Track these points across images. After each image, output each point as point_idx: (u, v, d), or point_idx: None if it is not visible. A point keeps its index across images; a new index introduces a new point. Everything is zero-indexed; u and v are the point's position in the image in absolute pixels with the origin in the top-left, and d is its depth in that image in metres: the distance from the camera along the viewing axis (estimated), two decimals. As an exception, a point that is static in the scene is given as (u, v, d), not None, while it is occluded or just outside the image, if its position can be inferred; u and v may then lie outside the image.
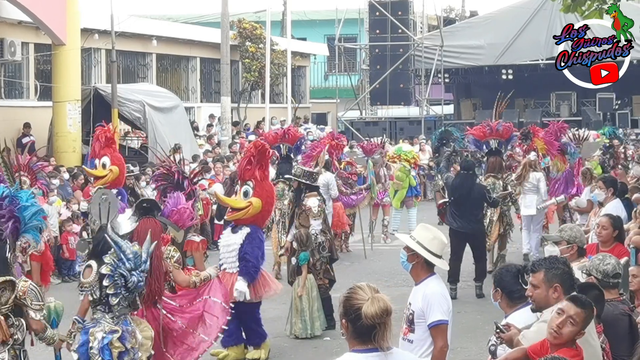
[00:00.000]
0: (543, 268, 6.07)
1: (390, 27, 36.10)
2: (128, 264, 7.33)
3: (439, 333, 6.55)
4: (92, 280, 7.49)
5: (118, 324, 7.45)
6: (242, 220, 10.54)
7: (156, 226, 8.63)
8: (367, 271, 15.86)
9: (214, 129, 30.43)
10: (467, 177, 14.45)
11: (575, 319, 5.47)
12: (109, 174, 14.49)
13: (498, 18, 37.20)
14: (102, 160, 14.63)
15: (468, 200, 14.17)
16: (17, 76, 26.25)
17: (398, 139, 30.70)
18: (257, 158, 10.62)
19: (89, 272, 7.57)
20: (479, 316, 11.48)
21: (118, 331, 7.42)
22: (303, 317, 11.79)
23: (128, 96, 25.33)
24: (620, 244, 9.20)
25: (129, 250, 7.39)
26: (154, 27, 31.80)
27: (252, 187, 10.55)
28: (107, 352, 7.37)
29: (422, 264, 6.62)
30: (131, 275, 7.33)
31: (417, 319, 6.59)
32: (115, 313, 7.46)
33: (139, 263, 7.42)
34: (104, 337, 7.39)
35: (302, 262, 11.85)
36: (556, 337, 5.49)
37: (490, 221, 15.45)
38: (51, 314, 7.51)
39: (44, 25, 23.64)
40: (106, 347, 7.37)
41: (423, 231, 6.71)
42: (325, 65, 44.37)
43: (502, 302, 6.42)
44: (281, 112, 35.11)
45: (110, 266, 7.33)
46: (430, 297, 6.57)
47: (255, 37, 34.49)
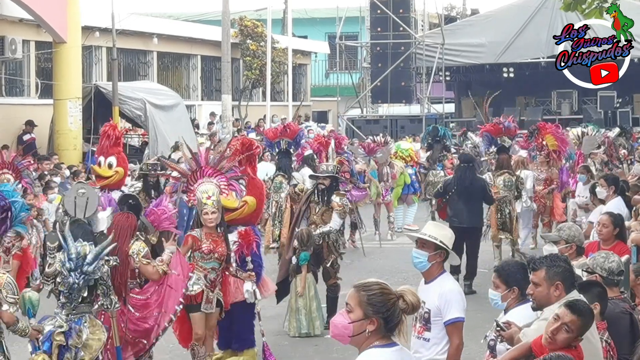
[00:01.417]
0: (544, 266, 6.06)
1: (392, 25, 36.08)
2: (68, 264, 7.37)
3: (456, 330, 6.58)
4: (52, 273, 7.59)
5: (68, 322, 7.48)
6: (236, 220, 10.22)
7: (127, 222, 8.65)
8: (368, 269, 15.84)
9: (215, 127, 30.44)
10: (467, 170, 14.47)
11: (571, 327, 5.42)
12: (114, 175, 13.94)
13: (499, 16, 37.18)
14: (108, 160, 13.97)
15: (468, 193, 14.19)
16: (18, 74, 26.25)
17: (399, 137, 30.70)
18: (246, 156, 10.35)
19: (51, 264, 7.69)
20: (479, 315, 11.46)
21: (63, 327, 7.45)
22: (298, 317, 11.73)
23: (129, 94, 25.32)
24: (622, 242, 9.19)
25: (73, 250, 7.44)
26: (155, 24, 31.80)
27: (244, 185, 10.34)
28: (48, 343, 7.42)
29: (440, 262, 6.69)
30: (69, 275, 7.37)
31: (433, 317, 6.59)
32: (70, 309, 7.48)
33: (80, 264, 7.42)
34: (50, 330, 7.44)
35: (302, 262, 11.75)
36: (550, 343, 5.46)
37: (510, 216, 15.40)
38: (26, 303, 7.52)
39: (45, 23, 23.64)
40: (48, 338, 7.42)
41: (440, 229, 6.80)
42: (326, 63, 44.34)
43: (512, 299, 6.38)
44: (282, 110, 35.10)
45: (59, 263, 7.41)
46: (448, 295, 6.60)
47: (256, 35, 34.49)
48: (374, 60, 37.60)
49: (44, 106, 24.98)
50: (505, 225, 15.40)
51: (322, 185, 12.27)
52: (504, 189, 15.36)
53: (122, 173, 14.16)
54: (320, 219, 12.20)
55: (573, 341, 5.46)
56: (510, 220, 15.41)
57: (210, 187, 9.32)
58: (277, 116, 33.96)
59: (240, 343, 10.36)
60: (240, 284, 10.13)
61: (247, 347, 10.38)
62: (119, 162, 14.12)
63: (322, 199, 12.31)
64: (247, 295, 10.04)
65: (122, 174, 14.16)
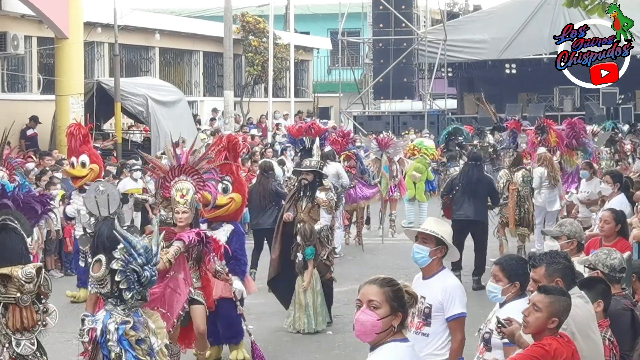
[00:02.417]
0: (544, 263, 6.06)
1: (394, 21, 36.03)
2: (140, 259, 7.27)
3: (459, 326, 6.63)
4: (102, 275, 7.46)
5: (130, 316, 7.43)
6: (222, 217, 10.20)
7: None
8: (370, 265, 15.84)
9: (217, 123, 30.44)
10: (474, 167, 14.81)
11: (538, 305, 5.47)
12: (90, 173, 13.80)
13: (501, 12, 37.14)
14: (80, 158, 13.85)
15: (474, 190, 14.39)
16: (20, 70, 26.27)
17: (401, 133, 30.70)
18: (232, 153, 10.32)
19: (98, 266, 7.54)
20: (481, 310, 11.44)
21: (130, 322, 7.40)
22: (307, 312, 11.71)
23: (131, 90, 25.34)
24: (623, 238, 9.18)
25: (139, 245, 7.31)
26: (157, 20, 31.81)
27: (230, 182, 10.22)
28: (125, 341, 7.33)
29: (440, 258, 6.73)
30: (144, 270, 7.28)
31: (434, 312, 6.62)
32: (127, 305, 7.45)
33: (150, 257, 7.38)
34: (117, 328, 7.37)
35: (309, 256, 11.71)
36: (525, 327, 5.54)
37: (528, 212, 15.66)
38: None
39: (47, 18, 23.64)
40: (122, 337, 7.34)
41: (441, 225, 6.83)
42: (329, 60, 44.33)
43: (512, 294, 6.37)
44: (284, 106, 35.09)
45: (121, 262, 7.27)
46: (451, 290, 6.64)
47: (258, 31, 34.48)
48: (376, 57, 37.56)
49: (46, 102, 25.00)
50: (523, 221, 15.67)
51: (305, 180, 12.20)
52: (523, 185, 15.67)
53: (97, 170, 13.99)
54: (308, 215, 12.08)
55: (547, 322, 5.44)
56: (528, 215, 15.68)
57: (186, 186, 9.11)
58: (279, 112, 33.97)
59: (237, 337, 10.38)
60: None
61: (241, 339, 10.42)
62: (91, 159, 14.00)
63: (305, 194, 12.21)
64: (237, 294, 10.00)
65: (97, 170, 13.98)
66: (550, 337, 5.43)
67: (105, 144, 24.44)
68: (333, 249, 12.43)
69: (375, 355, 4.59)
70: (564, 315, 5.50)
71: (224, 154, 10.23)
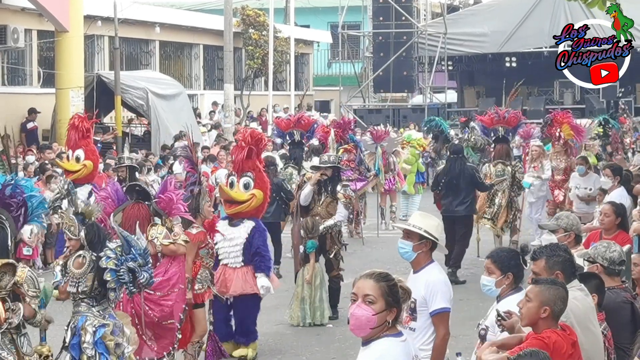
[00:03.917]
0: (544, 256, 6.07)
1: (394, 15, 35.97)
2: (140, 260, 7.22)
3: (442, 321, 6.55)
4: (84, 272, 7.38)
5: (106, 318, 7.36)
6: (243, 213, 10.18)
7: (139, 213, 8.54)
8: (370, 258, 15.85)
9: (217, 116, 30.42)
10: (456, 161, 14.87)
11: (529, 295, 5.52)
12: (82, 169, 13.66)
13: (502, 5, 37.09)
14: (75, 153, 13.71)
15: (458, 183, 14.53)
16: (20, 63, 26.25)
17: (401, 127, 30.69)
18: (256, 148, 10.21)
19: (80, 262, 7.45)
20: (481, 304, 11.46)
21: (109, 325, 7.33)
22: (303, 306, 11.73)
23: (131, 83, 25.33)
24: (624, 231, 9.20)
25: (139, 247, 7.28)
26: (157, 14, 31.78)
27: (252, 178, 10.12)
28: (102, 344, 7.26)
29: (427, 251, 6.64)
30: (142, 271, 7.22)
31: (419, 307, 6.57)
32: (102, 306, 7.36)
33: (148, 260, 7.34)
34: (95, 331, 7.30)
35: (310, 249, 11.73)
36: (522, 319, 5.57)
37: (500, 206, 15.66)
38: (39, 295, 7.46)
39: (47, 12, 23.63)
40: (99, 340, 7.26)
41: (426, 219, 6.73)
42: (329, 53, 44.27)
43: (507, 286, 6.38)
44: (284, 99, 35.08)
45: (115, 261, 7.18)
46: (434, 285, 6.56)
47: (259, 25, 34.43)
48: (376, 50, 37.52)
49: (46, 95, 24.98)
50: (494, 215, 15.68)
51: (325, 176, 12.12)
52: (496, 179, 15.71)
53: (90, 166, 13.78)
54: (325, 210, 12.09)
55: (539, 312, 5.45)
56: (500, 210, 15.65)
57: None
58: (279, 105, 33.94)
59: (249, 337, 10.33)
60: (250, 277, 10.09)
61: (253, 340, 10.38)
62: (87, 155, 13.76)
63: (326, 189, 12.15)
64: (263, 290, 10.04)
65: (90, 167, 13.78)
66: (549, 330, 5.42)
67: (105, 138, 24.45)
68: (344, 245, 12.40)
69: (369, 350, 4.59)
70: (557, 305, 5.47)
71: (247, 150, 10.09)
